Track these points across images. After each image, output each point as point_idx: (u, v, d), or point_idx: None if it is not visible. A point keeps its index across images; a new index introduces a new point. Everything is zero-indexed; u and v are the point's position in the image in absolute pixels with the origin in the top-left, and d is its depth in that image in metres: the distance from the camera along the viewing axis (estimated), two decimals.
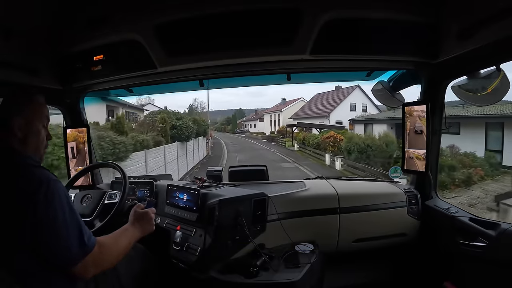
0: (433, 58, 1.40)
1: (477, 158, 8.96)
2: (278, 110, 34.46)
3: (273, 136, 28.42)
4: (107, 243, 0.95)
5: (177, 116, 13.61)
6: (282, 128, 29.07)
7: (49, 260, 0.84)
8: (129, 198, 1.49)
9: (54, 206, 0.83)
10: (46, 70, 1.52)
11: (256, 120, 42.82)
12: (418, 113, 1.60)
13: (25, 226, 0.81)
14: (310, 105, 29.15)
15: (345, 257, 1.76)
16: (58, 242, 0.83)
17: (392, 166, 4.86)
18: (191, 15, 1.32)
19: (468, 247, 1.40)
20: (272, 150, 19.76)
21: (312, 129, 20.51)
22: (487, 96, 1.33)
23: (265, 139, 28.91)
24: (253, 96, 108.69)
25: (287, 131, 25.11)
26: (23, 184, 0.83)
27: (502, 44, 1.10)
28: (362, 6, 1.28)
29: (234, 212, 1.46)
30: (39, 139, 0.98)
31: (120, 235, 1.05)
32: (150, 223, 1.19)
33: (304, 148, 17.67)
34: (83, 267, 0.86)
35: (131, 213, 1.18)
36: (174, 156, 11.33)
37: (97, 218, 1.45)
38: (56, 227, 0.83)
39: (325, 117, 22.65)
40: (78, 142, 1.93)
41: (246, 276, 1.35)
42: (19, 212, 0.81)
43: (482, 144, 9.85)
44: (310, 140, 16.82)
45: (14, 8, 1.17)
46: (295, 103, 32.97)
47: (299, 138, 19.66)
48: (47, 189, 0.83)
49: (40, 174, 0.86)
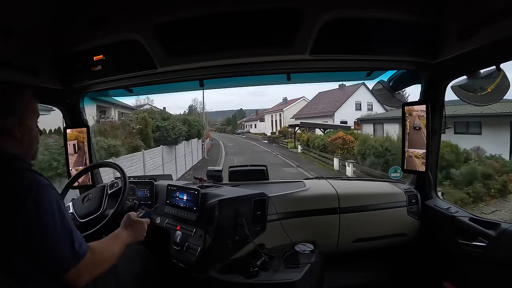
0: (433, 58, 1.41)
1: (506, 162, 7.76)
2: (279, 109, 33.85)
3: (274, 137, 27.56)
4: (100, 249, 0.94)
5: (162, 115, 11.86)
6: (283, 128, 28.35)
7: (43, 265, 0.83)
8: (129, 198, 1.49)
9: (44, 212, 0.82)
10: (46, 70, 1.52)
11: (257, 121, 42.48)
12: (418, 113, 1.61)
13: (17, 229, 0.80)
14: (313, 104, 28.16)
15: (345, 257, 1.76)
16: (48, 248, 0.82)
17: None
18: (191, 15, 1.32)
19: (468, 247, 1.40)
20: (273, 152, 18.63)
21: (315, 130, 19.66)
22: (487, 96, 1.33)
23: (265, 140, 28.17)
24: (254, 96, 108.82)
25: (288, 131, 24.47)
26: (14, 187, 0.82)
27: (502, 44, 1.10)
28: (362, 6, 1.28)
29: (234, 212, 1.46)
30: (32, 136, 0.97)
31: (112, 240, 1.05)
32: (142, 234, 1.19)
33: (309, 151, 16.33)
34: (76, 273, 0.85)
35: (124, 218, 1.18)
36: (159, 163, 9.95)
37: (107, 208, 1.47)
38: (46, 233, 0.82)
39: (329, 117, 21.65)
40: (78, 141, 1.93)
41: (246, 276, 1.35)
42: (11, 215, 0.80)
43: (507, 146, 8.73)
44: (315, 142, 15.44)
45: (14, 8, 1.17)
46: (296, 102, 32.29)
47: (302, 140, 18.29)
48: (37, 194, 0.82)
49: (31, 178, 0.84)
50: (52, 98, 1.79)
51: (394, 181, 2.00)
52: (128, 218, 1.18)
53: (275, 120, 33.77)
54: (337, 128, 17.22)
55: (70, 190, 1.60)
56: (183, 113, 52.06)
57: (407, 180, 1.92)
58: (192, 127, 14.14)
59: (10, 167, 0.86)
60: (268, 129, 34.88)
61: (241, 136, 38.80)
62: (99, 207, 1.49)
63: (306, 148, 16.93)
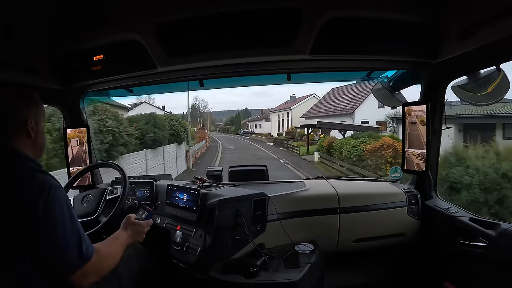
0: (433, 58, 1.40)
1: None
2: (286, 108, 30.17)
3: (282, 139, 23.89)
4: (104, 251, 0.95)
5: (107, 115, 7.43)
6: (291, 128, 25.51)
7: (48, 266, 0.83)
8: (129, 198, 1.49)
9: (54, 214, 0.82)
10: (46, 70, 1.52)
11: (262, 120, 39.31)
12: (416, 113, 1.61)
13: (26, 230, 0.80)
14: (327, 101, 24.13)
15: (345, 257, 1.76)
16: (56, 249, 0.82)
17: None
18: (191, 15, 1.32)
19: (468, 247, 1.40)
20: (281, 160, 14.47)
21: (330, 131, 15.92)
22: (487, 96, 1.33)
23: (271, 143, 24.64)
24: (259, 96, 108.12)
25: (298, 132, 22.13)
26: (25, 189, 0.82)
27: (502, 44, 1.10)
28: (362, 6, 1.28)
29: (234, 212, 1.46)
30: (43, 137, 1.00)
31: (114, 241, 1.05)
32: (141, 235, 1.19)
33: (331, 161, 11.52)
34: (83, 275, 0.85)
35: (124, 219, 1.18)
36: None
37: (102, 214, 1.47)
38: (55, 235, 0.82)
39: (348, 116, 17.75)
40: (79, 141, 1.94)
41: (246, 276, 1.35)
42: (20, 217, 0.80)
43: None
44: (343, 150, 10.32)
45: (14, 8, 1.17)
46: (306, 99, 28.48)
47: (320, 144, 13.45)
48: (48, 195, 0.82)
49: (43, 179, 0.85)
50: (52, 98, 1.79)
51: (394, 181, 2.00)
52: (127, 220, 1.18)
53: (282, 119, 30.35)
54: (366, 129, 13.00)
55: (70, 190, 1.60)
56: (186, 113, 51.12)
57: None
58: (161, 129, 10.40)
59: (22, 168, 0.86)
60: (274, 129, 31.61)
61: (245, 137, 35.94)
62: (94, 211, 1.48)
63: (327, 156, 12.02)
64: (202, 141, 21.77)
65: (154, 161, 9.76)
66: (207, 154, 17.79)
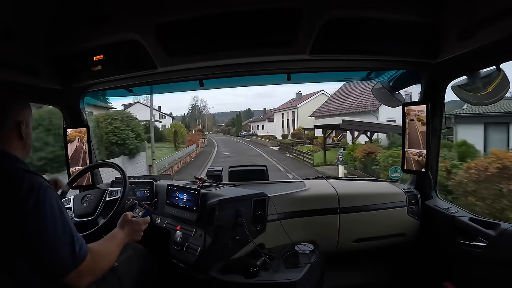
0: (433, 58, 1.41)
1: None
2: (292, 106, 26.72)
3: (288, 143, 20.19)
4: (99, 250, 0.94)
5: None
6: (298, 130, 22.27)
7: (42, 267, 0.82)
8: (129, 198, 1.49)
9: (44, 214, 0.82)
10: (46, 70, 1.52)
11: (265, 121, 35.85)
12: (415, 113, 1.62)
13: (17, 231, 0.79)
14: (340, 97, 20.04)
15: (345, 257, 1.76)
16: (49, 250, 0.81)
17: None
18: (191, 16, 1.32)
19: (468, 247, 1.40)
20: (289, 175, 10.59)
21: (346, 135, 12.87)
22: (487, 96, 1.33)
23: (275, 146, 20.89)
24: (262, 97, 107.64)
25: (306, 134, 19.36)
26: (15, 189, 0.81)
27: (502, 44, 1.11)
28: (362, 6, 1.28)
29: (234, 212, 1.46)
30: (31, 138, 0.99)
31: (110, 241, 1.04)
32: (138, 234, 1.17)
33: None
34: (78, 276, 0.84)
35: (122, 217, 1.16)
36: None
37: (100, 215, 1.46)
38: (47, 235, 0.81)
39: (372, 114, 14.45)
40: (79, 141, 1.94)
41: (246, 276, 1.35)
42: (11, 218, 0.80)
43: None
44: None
45: (14, 8, 1.17)
46: (314, 97, 25.02)
47: (348, 152, 9.72)
48: (38, 195, 0.82)
49: (31, 180, 0.84)
50: (52, 98, 1.79)
51: (394, 181, 2.00)
52: (124, 218, 1.16)
53: (287, 119, 27.06)
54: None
55: (69, 190, 1.60)
56: (186, 114, 50.03)
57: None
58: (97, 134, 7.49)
59: (11, 169, 0.86)
60: (278, 130, 28.33)
61: (246, 139, 33.61)
62: (93, 212, 1.48)
63: (365, 175, 8.13)
64: (191, 146, 19.12)
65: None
66: (196, 161, 13.93)
